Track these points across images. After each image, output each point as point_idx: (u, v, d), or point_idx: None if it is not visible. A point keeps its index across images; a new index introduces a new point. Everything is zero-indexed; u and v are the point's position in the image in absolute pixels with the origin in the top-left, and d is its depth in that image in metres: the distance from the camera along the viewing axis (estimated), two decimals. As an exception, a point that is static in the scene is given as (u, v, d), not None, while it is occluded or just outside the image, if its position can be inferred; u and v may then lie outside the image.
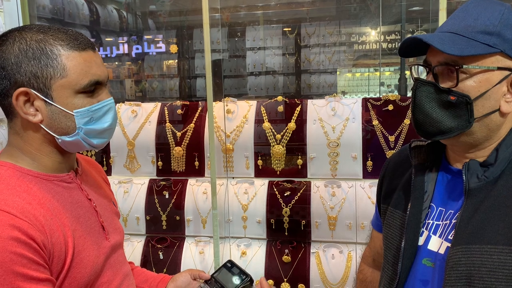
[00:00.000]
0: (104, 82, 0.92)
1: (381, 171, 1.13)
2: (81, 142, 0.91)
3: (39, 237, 0.80)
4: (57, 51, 0.85)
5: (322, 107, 2.08)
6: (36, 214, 0.82)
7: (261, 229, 2.06)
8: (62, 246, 0.85)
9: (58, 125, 0.88)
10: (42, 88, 0.85)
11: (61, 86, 0.86)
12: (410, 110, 1.97)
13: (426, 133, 0.89)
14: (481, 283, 0.80)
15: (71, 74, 0.86)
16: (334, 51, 3.92)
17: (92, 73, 0.89)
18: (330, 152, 2.03)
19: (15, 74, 0.84)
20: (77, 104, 0.88)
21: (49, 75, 0.85)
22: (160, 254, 2.12)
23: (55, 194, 0.89)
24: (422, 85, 0.87)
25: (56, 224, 0.85)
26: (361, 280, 1.23)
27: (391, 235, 0.99)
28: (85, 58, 0.88)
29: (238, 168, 2.15)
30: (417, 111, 0.88)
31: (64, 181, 0.93)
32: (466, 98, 0.83)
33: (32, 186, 0.86)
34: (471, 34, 0.84)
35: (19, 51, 0.84)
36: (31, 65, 0.84)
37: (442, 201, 0.93)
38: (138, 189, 2.19)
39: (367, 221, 1.96)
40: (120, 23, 3.74)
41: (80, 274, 0.88)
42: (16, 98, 0.84)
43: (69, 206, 0.91)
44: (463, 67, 0.83)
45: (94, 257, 0.92)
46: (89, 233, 0.93)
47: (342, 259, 1.97)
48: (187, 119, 2.22)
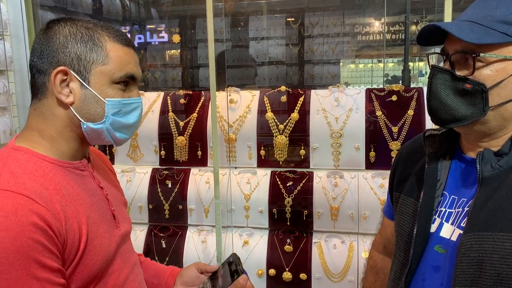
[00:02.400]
0: (137, 80, 0.96)
1: (394, 159, 1.15)
2: (105, 132, 0.92)
3: (54, 224, 0.80)
4: (103, 40, 0.90)
5: (325, 98, 2.08)
6: (53, 200, 0.83)
7: (264, 219, 2.07)
8: (76, 233, 0.86)
9: (87, 110, 0.90)
10: (82, 71, 0.88)
11: (100, 73, 0.89)
12: (415, 99, 1.98)
13: (440, 120, 0.90)
14: (493, 269, 0.81)
15: (112, 63, 0.90)
16: (337, 42, 3.89)
17: (130, 68, 0.93)
18: (333, 143, 2.02)
19: (59, 53, 0.88)
20: (110, 93, 0.91)
21: (91, 59, 0.89)
22: (162, 243, 2.13)
23: (70, 180, 0.90)
24: (438, 72, 0.88)
25: (71, 211, 0.86)
26: (371, 266, 1.25)
27: (403, 222, 1.00)
28: (127, 52, 0.93)
29: (240, 158, 2.15)
30: (433, 98, 0.89)
31: (78, 168, 0.94)
32: (482, 87, 0.84)
33: (48, 171, 0.87)
34: (490, 23, 0.84)
35: (69, 33, 0.89)
36: (77, 47, 0.88)
37: (455, 189, 0.94)
38: (141, 178, 2.20)
39: (369, 212, 1.96)
40: (123, 12, 3.72)
41: (93, 261, 0.89)
42: (55, 75, 0.88)
43: (83, 193, 0.92)
44: (480, 55, 0.83)
45: (106, 244, 0.93)
46: (101, 221, 0.94)
47: (343, 249, 1.97)
48: (190, 109, 2.22)
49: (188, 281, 1.14)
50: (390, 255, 1.11)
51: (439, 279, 0.91)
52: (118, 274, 0.97)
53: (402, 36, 4.69)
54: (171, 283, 1.16)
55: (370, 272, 1.24)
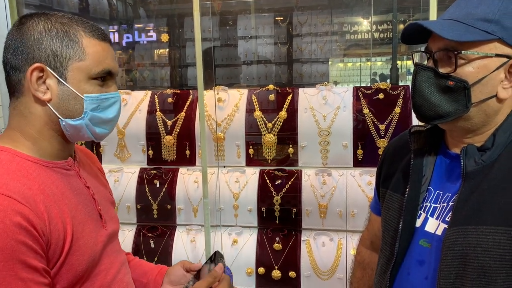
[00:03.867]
0: (115, 75, 0.95)
1: (381, 155, 1.16)
2: (84, 128, 0.91)
3: (38, 224, 0.80)
4: (79, 35, 0.89)
5: (313, 96, 2.08)
6: (37, 200, 0.82)
7: (252, 218, 2.07)
8: (61, 233, 0.85)
9: (65, 107, 0.89)
10: (58, 68, 0.87)
11: (77, 69, 0.88)
12: (402, 96, 1.99)
13: (425, 117, 0.91)
14: (476, 262, 0.82)
15: (88, 59, 0.89)
16: (326, 41, 3.90)
17: (107, 63, 0.92)
18: (321, 141, 2.03)
19: (34, 49, 0.86)
20: (88, 89, 0.90)
21: (68, 56, 0.88)
22: (151, 243, 2.12)
23: (54, 180, 0.89)
24: (422, 70, 0.90)
25: (55, 211, 0.85)
26: (359, 262, 1.26)
27: (389, 218, 1.01)
28: (103, 47, 0.92)
29: (229, 157, 2.15)
30: (417, 95, 0.90)
31: (63, 168, 0.93)
32: (464, 83, 0.85)
33: (31, 171, 0.86)
34: (471, 21, 0.85)
35: (43, 29, 0.87)
36: (52, 43, 0.87)
37: (440, 185, 0.95)
38: (128, 178, 2.19)
39: (357, 209, 1.97)
40: (110, 11, 3.69)
41: (78, 262, 0.88)
42: (31, 73, 0.86)
43: (68, 193, 0.91)
44: (462, 52, 0.85)
45: (92, 244, 0.92)
46: (87, 221, 0.93)
47: (332, 246, 1.98)
48: (178, 108, 2.21)
49: (175, 280, 1.14)
50: (377, 250, 1.12)
51: (424, 273, 0.92)
52: (105, 274, 0.96)
53: (390, 34, 4.72)
54: (159, 282, 1.15)
55: (357, 268, 1.25)
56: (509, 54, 0.85)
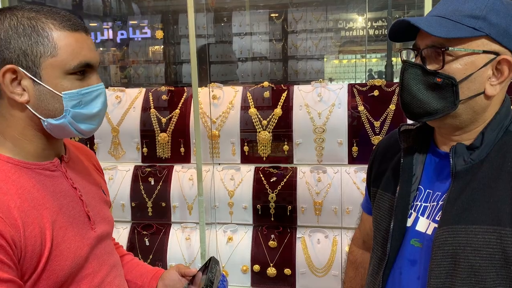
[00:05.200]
0: (95, 66, 0.90)
1: (371, 154, 1.15)
2: (68, 126, 0.87)
3: (9, 232, 0.77)
4: (48, 29, 0.83)
5: (308, 93, 2.08)
6: (11, 205, 0.79)
7: (248, 215, 2.06)
8: (38, 239, 0.82)
9: (45, 107, 0.85)
10: (31, 67, 0.82)
11: (51, 66, 0.83)
12: (397, 93, 1.99)
13: (413, 115, 0.91)
14: (466, 261, 0.82)
15: (62, 54, 0.84)
16: (321, 37, 3.89)
17: (83, 55, 0.86)
18: (316, 138, 2.03)
19: (3, 50, 0.81)
20: (66, 86, 0.85)
21: (39, 53, 0.82)
22: (146, 241, 2.11)
23: (36, 183, 0.86)
24: (409, 67, 0.89)
25: (32, 216, 0.82)
26: (351, 261, 1.26)
27: (380, 217, 1.01)
28: (77, 38, 0.86)
29: (224, 154, 2.14)
30: (405, 92, 0.90)
31: (47, 169, 0.90)
32: (452, 80, 0.85)
33: (10, 175, 0.83)
34: (458, 18, 0.85)
35: (9, 27, 0.82)
36: (21, 41, 0.82)
37: (430, 184, 0.95)
38: (123, 175, 2.17)
39: (352, 206, 1.98)
40: (104, 7, 3.65)
41: (60, 267, 0.85)
42: (3, 75, 0.82)
43: (50, 196, 0.88)
44: (449, 49, 0.84)
45: (75, 248, 0.89)
46: (71, 224, 0.90)
47: (327, 243, 1.98)
48: (172, 105, 2.19)
49: (169, 284, 1.11)
50: (370, 250, 1.11)
51: (415, 273, 0.92)
52: (92, 278, 0.93)
53: (385, 31, 4.72)
54: (153, 286, 1.13)
55: (350, 267, 1.25)
56: (497, 50, 0.85)
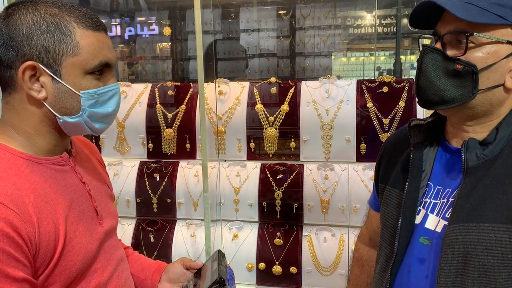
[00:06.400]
0: (113, 66, 0.90)
1: (380, 150, 1.13)
2: (83, 124, 0.87)
3: (24, 229, 0.76)
4: (71, 28, 0.83)
5: (316, 89, 2.05)
6: (26, 201, 0.78)
7: (253, 212, 2.04)
8: (52, 234, 0.81)
9: (62, 105, 0.85)
10: (52, 64, 0.82)
11: (72, 64, 0.83)
12: (406, 90, 1.95)
13: (428, 102, 0.88)
14: (477, 260, 0.80)
15: (83, 53, 0.84)
16: (329, 34, 3.85)
17: (103, 54, 0.86)
18: (324, 135, 2.00)
19: (24, 46, 0.81)
20: (85, 85, 0.85)
21: (61, 51, 0.82)
22: (151, 237, 2.10)
23: (48, 178, 0.85)
24: (429, 52, 0.86)
25: (46, 211, 0.81)
26: (357, 259, 1.24)
27: (388, 214, 0.99)
28: (99, 38, 0.86)
29: (230, 151, 2.12)
30: (422, 77, 0.87)
31: (57, 163, 0.89)
32: (473, 68, 0.82)
33: (23, 169, 0.82)
34: (485, 5, 0.82)
35: (32, 22, 0.81)
36: (43, 38, 0.81)
37: (440, 180, 0.93)
38: (128, 171, 2.16)
39: (360, 204, 1.94)
40: (111, 3, 3.65)
41: (72, 262, 0.85)
42: (23, 71, 0.81)
43: (61, 191, 0.87)
44: (474, 34, 0.82)
45: (86, 243, 0.89)
46: (81, 219, 0.90)
47: (334, 242, 1.96)
48: (179, 101, 2.17)
49: (174, 277, 1.11)
50: (376, 247, 1.10)
51: (424, 271, 0.90)
52: (101, 272, 0.93)
53: (393, 29, 4.67)
54: (156, 279, 1.12)
55: (355, 265, 1.23)
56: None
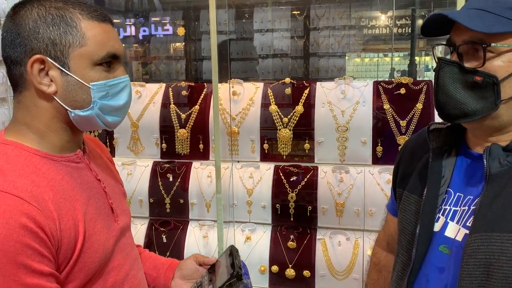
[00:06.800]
0: (121, 57, 0.89)
1: (398, 154, 1.10)
2: (95, 118, 0.86)
3: (47, 225, 0.75)
4: (76, 19, 0.83)
5: (331, 90, 2.02)
6: (46, 198, 0.78)
7: (266, 214, 2.02)
8: (72, 231, 0.80)
9: (72, 98, 0.84)
10: (59, 57, 0.81)
11: (79, 56, 0.82)
12: (424, 92, 1.91)
13: (449, 116, 0.85)
14: (500, 272, 0.76)
15: (90, 44, 0.83)
16: (343, 35, 3.81)
17: (111, 45, 0.86)
18: (339, 137, 1.97)
19: (31, 40, 0.80)
20: (94, 76, 0.84)
21: (67, 43, 0.81)
22: (163, 237, 2.09)
23: (65, 175, 0.85)
24: (445, 65, 0.83)
25: (65, 208, 0.81)
26: (374, 263, 1.21)
27: (406, 220, 0.96)
28: (104, 29, 0.85)
29: (243, 152, 2.10)
30: (440, 92, 0.84)
31: (73, 161, 0.88)
32: (493, 79, 0.79)
33: (40, 166, 0.82)
34: (500, 11, 0.78)
35: (38, 16, 0.81)
36: (49, 31, 0.81)
37: (461, 187, 0.89)
38: (141, 171, 2.16)
39: (376, 208, 1.91)
40: (126, 3, 3.66)
41: (91, 259, 0.84)
42: (31, 66, 0.81)
43: (79, 188, 0.86)
44: (491, 45, 0.78)
45: (104, 240, 0.88)
46: (99, 215, 0.89)
47: (349, 246, 1.92)
48: (192, 101, 2.16)
49: (187, 274, 1.10)
50: (394, 252, 1.07)
51: (443, 281, 0.86)
52: (118, 271, 0.92)
53: (408, 30, 4.61)
54: (169, 276, 1.11)
55: (373, 270, 1.20)
56: None
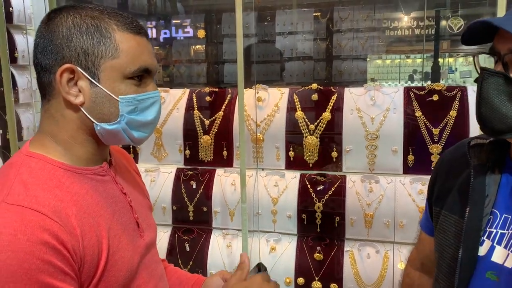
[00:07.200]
0: (153, 72, 0.85)
1: (434, 168, 1.03)
2: (121, 132, 0.83)
3: (69, 241, 0.72)
4: (111, 30, 0.80)
5: (360, 96, 1.95)
6: (69, 213, 0.75)
7: (292, 224, 1.96)
8: (95, 248, 0.77)
9: (100, 110, 0.81)
10: (90, 67, 0.79)
11: (111, 68, 0.79)
12: (458, 98, 1.81)
13: (493, 131, 0.78)
14: None
15: (123, 57, 0.80)
16: (367, 37, 3.74)
17: (144, 60, 0.82)
18: (368, 145, 1.89)
19: (63, 48, 0.78)
20: (123, 90, 0.81)
21: (100, 54, 0.79)
22: (186, 245, 2.05)
23: (89, 189, 0.82)
24: (490, 76, 0.76)
25: (89, 224, 0.77)
26: (407, 284, 1.14)
27: (445, 243, 0.89)
28: (139, 42, 0.82)
29: (268, 159, 2.05)
30: (484, 105, 0.77)
31: (98, 174, 0.85)
32: None
33: (64, 180, 0.79)
34: None
35: (72, 24, 0.79)
36: (82, 40, 0.78)
37: (508, 207, 0.82)
38: (165, 178, 2.13)
39: (407, 220, 1.83)
40: (148, 6, 3.66)
41: (115, 277, 0.80)
42: (61, 75, 0.78)
43: (103, 202, 0.83)
44: None
45: (129, 257, 0.84)
46: (124, 231, 0.85)
47: (378, 259, 1.85)
48: (216, 107, 2.12)
49: None
50: (429, 273, 1.02)
51: None
52: None
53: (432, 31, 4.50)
54: None
55: None
56: None
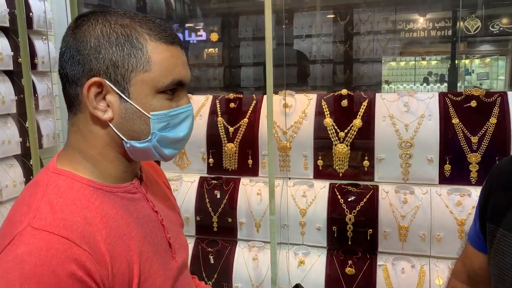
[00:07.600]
0: (186, 84, 0.79)
1: (487, 180, 0.95)
2: (151, 150, 0.77)
3: (97, 272, 0.66)
4: (143, 40, 0.73)
5: (392, 102, 1.86)
6: (98, 238, 0.69)
7: (321, 237, 1.88)
8: (126, 275, 0.71)
9: (129, 127, 0.75)
10: (120, 81, 0.73)
11: (141, 81, 0.73)
12: (498, 105, 1.71)
13: None
14: None
15: (155, 69, 0.73)
16: (388, 39, 3.65)
17: (177, 72, 0.76)
18: (402, 154, 1.80)
19: (91, 60, 0.72)
20: (155, 105, 0.74)
21: (130, 66, 0.73)
22: (210, 258, 1.98)
23: (119, 209, 0.76)
24: None
25: (119, 248, 0.71)
26: None
27: (505, 265, 0.81)
28: (173, 53, 0.76)
29: (295, 169, 1.97)
30: None
31: (129, 191, 0.79)
32: None
33: (93, 200, 0.73)
34: None
35: (101, 34, 0.73)
36: (112, 51, 0.72)
37: None
38: (188, 187, 2.06)
39: (444, 233, 1.73)
40: (167, 10, 3.62)
41: None
42: (88, 89, 0.72)
43: (135, 223, 0.77)
44: None
45: (161, 283, 0.78)
46: (155, 254, 0.79)
47: (413, 274, 1.75)
48: (240, 113, 2.05)
49: None
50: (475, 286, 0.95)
51: None
52: None
53: (448, 32, 4.41)
54: None
55: None
56: None
